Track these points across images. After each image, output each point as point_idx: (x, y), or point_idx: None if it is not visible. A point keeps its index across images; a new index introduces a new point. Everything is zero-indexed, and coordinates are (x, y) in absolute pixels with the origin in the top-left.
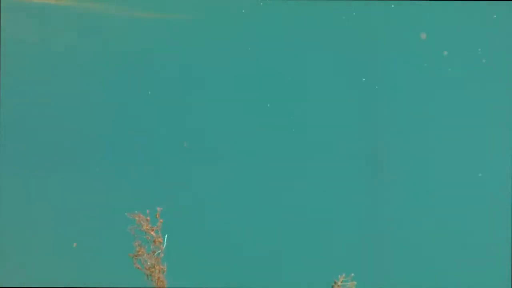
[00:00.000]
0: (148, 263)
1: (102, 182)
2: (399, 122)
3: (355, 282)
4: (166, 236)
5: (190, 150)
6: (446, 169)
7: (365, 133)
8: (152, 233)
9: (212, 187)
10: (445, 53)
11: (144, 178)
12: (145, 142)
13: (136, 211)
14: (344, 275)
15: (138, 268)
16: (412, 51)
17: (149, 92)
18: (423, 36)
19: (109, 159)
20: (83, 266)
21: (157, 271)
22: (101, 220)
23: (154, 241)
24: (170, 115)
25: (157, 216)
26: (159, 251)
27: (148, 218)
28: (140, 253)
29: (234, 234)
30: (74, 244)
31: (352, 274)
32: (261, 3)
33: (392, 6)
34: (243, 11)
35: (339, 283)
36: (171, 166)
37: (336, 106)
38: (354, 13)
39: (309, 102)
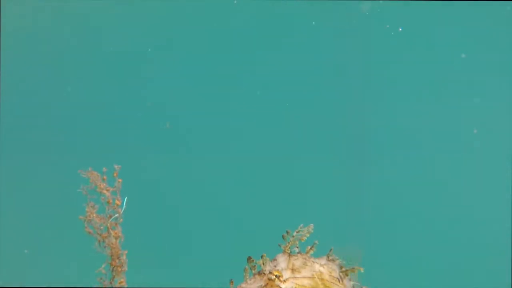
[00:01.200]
0: (101, 227)
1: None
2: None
3: (312, 231)
4: (126, 198)
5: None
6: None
7: (360, 130)
8: (107, 193)
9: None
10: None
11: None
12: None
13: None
14: (302, 225)
15: (89, 232)
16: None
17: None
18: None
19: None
20: None
21: (112, 236)
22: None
23: (108, 202)
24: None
25: (115, 175)
26: (116, 215)
27: (105, 177)
28: (90, 215)
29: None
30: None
31: (312, 225)
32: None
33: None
34: (235, 2)
35: (293, 233)
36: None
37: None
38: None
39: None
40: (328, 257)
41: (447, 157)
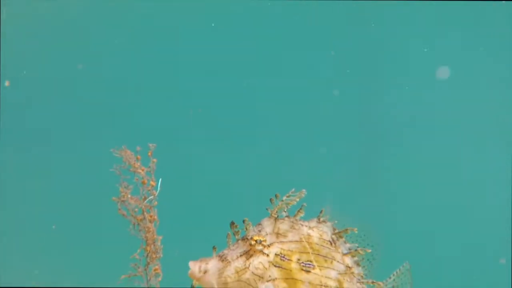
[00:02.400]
0: (136, 210)
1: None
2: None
3: (303, 196)
4: (160, 179)
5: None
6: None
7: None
8: (142, 172)
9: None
10: None
11: None
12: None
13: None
14: (294, 189)
15: (123, 214)
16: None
17: None
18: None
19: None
20: None
21: (147, 220)
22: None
23: (143, 183)
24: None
25: (150, 154)
26: (151, 197)
27: (139, 156)
28: (124, 196)
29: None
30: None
31: (304, 190)
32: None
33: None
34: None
35: (283, 197)
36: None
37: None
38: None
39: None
40: (318, 219)
41: (457, 153)
